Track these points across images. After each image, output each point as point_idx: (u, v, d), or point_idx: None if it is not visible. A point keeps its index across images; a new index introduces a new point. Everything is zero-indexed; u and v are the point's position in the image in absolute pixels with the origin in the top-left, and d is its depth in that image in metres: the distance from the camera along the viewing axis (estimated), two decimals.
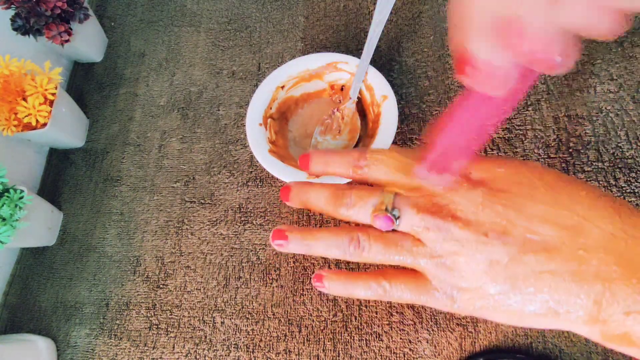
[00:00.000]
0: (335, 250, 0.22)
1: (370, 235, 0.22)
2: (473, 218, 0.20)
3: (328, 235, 0.23)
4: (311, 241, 0.23)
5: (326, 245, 0.22)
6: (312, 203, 0.24)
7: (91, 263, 0.52)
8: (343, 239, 0.22)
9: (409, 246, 0.21)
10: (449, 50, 0.51)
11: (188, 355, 0.44)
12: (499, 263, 0.19)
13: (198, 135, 0.55)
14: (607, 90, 0.44)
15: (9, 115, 0.50)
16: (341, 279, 0.23)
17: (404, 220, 0.21)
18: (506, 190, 0.20)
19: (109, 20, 0.67)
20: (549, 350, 0.37)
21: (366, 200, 0.22)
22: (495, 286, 0.19)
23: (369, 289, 0.22)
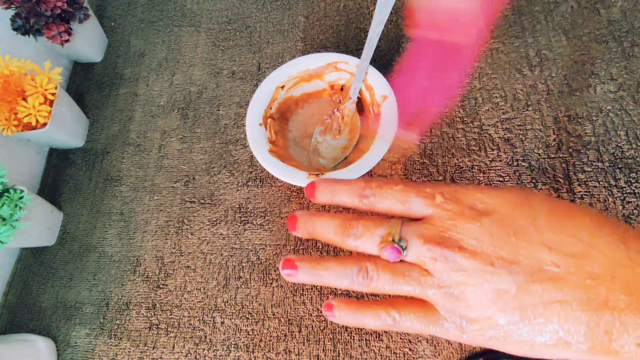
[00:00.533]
0: (344, 280, 0.22)
1: (379, 265, 0.22)
2: (479, 248, 0.20)
3: (337, 266, 0.23)
4: (320, 271, 0.23)
5: (335, 276, 0.23)
6: (319, 233, 0.24)
7: (91, 263, 0.52)
8: (352, 269, 0.22)
9: (416, 276, 0.21)
10: None
11: (188, 355, 0.44)
12: (507, 293, 0.19)
13: (198, 135, 0.55)
14: (607, 90, 0.44)
15: (9, 115, 0.50)
16: (351, 308, 0.23)
17: (410, 250, 0.21)
18: (511, 219, 0.20)
19: (109, 20, 0.67)
20: None
21: (373, 231, 0.22)
22: (504, 316, 0.19)
23: (379, 318, 0.22)
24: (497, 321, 0.19)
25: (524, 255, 0.19)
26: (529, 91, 0.47)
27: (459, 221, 0.21)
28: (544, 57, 0.48)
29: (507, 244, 0.20)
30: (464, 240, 0.20)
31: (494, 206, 0.21)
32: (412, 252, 0.21)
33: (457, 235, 0.20)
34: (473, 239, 0.20)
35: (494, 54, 0.49)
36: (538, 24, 0.49)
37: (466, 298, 0.20)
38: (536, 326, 0.18)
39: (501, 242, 0.20)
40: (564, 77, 0.46)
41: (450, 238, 0.20)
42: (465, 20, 0.21)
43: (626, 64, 0.45)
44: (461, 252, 0.20)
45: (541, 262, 0.19)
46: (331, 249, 0.46)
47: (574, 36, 0.48)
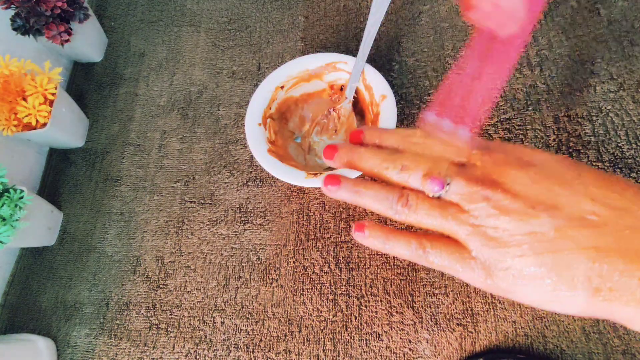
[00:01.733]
0: (383, 204, 0.23)
1: (419, 196, 0.22)
2: (522, 192, 0.20)
3: (379, 189, 0.23)
4: (362, 190, 0.23)
5: (375, 198, 0.23)
6: (362, 162, 0.24)
7: (91, 263, 0.52)
8: (393, 195, 0.23)
9: (455, 213, 0.21)
10: (449, 50, 0.51)
11: (188, 355, 0.44)
12: (545, 236, 0.19)
13: (198, 135, 0.55)
14: (607, 90, 0.44)
15: (9, 115, 0.50)
16: (383, 231, 0.23)
17: (453, 187, 0.21)
18: (557, 172, 0.21)
19: (109, 20, 0.67)
20: (550, 351, 0.37)
21: (420, 164, 0.22)
22: (537, 260, 0.19)
23: (409, 247, 0.22)
24: (527, 264, 0.19)
25: (566, 202, 0.19)
26: (529, 91, 0.47)
27: (505, 167, 0.21)
28: (544, 57, 0.48)
29: (551, 191, 0.20)
30: (507, 183, 0.20)
31: (540, 160, 0.21)
32: (454, 189, 0.21)
33: (501, 179, 0.21)
34: (517, 184, 0.20)
35: None
36: (538, 24, 0.49)
37: (501, 239, 0.20)
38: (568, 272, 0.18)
39: (544, 189, 0.20)
40: (564, 77, 0.46)
41: (494, 180, 0.21)
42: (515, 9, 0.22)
43: (626, 64, 0.45)
44: (504, 193, 0.20)
45: (583, 211, 0.19)
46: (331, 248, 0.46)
47: (574, 36, 0.48)
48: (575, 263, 0.18)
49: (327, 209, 0.47)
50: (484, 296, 0.40)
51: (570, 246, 0.19)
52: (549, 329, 0.38)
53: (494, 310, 0.40)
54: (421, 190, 0.22)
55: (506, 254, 0.20)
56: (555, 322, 0.38)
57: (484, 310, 0.40)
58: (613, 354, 0.36)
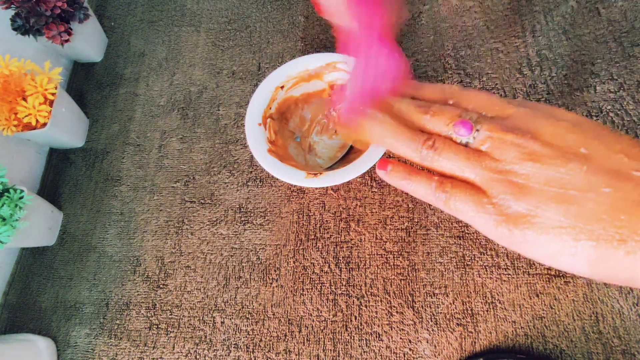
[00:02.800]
0: (410, 145, 0.22)
1: (446, 141, 0.22)
2: (553, 140, 0.20)
3: (406, 130, 0.23)
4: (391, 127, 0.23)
5: (402, 136, 0.23)
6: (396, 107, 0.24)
7: (91, 263, 0.52)
8: (420, 137, 0.22)
9: (480, 159, 0.21)
10: (449, 50, 0.51)
11: (188, 355, 0.44)
12: (574, 185, 0.19)
13: (198, 135, 0.55)
14: (607, 90, 0.44)
15: (9, 115, 0.50)
16: (406, 169, 0.23)
17: (482, 132, 0.21)
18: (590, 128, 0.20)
19: (109, 20, 0.67)
20: (550, 351, 0.37)
21: (450, 111, 0.22)
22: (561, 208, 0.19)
23: (430, 187, 0.22)
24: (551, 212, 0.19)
25: (601, 155, 0.19)
26: (529, 91, 0.47)
27: (538, 119, 0.21)
28: (544, 57, 0.48)
29: (584, 143, 0.19)
30: (539, 132, 0.20)
31: (574, 118, 0.21)
32: (483, 135, 0.21)
33: (534, 128, 0.20)
34: (548, 133, 0.20)
35: (494, 54, 0.49)
36: (538, 24, 0.49)
37: (527, 185, 0.19)
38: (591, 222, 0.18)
39: (577, 141, 0.19)
40: (564, 77, 0.46)
41: (526, 129, 0.20)
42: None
43: (626, 64, 0.45)
44: (533, 139, 0.20)
45: (616, 164, 0.19)
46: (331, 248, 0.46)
47: (574, 36, 0.48)
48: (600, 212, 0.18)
49: (327, 209, 0.47)
50: (484, 296, 0.40)
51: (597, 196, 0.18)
52: (549, 329, 0.38)
53: (494, 310, 0.40)
54: (449, 136, 0.22)
55: (529, 200, 0.19)
56: (555, 322, 0.38)
57: (484, 310, 0.40)
58: (613, 354, 0.36)
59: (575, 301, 0.38)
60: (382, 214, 0.45)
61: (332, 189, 0.48)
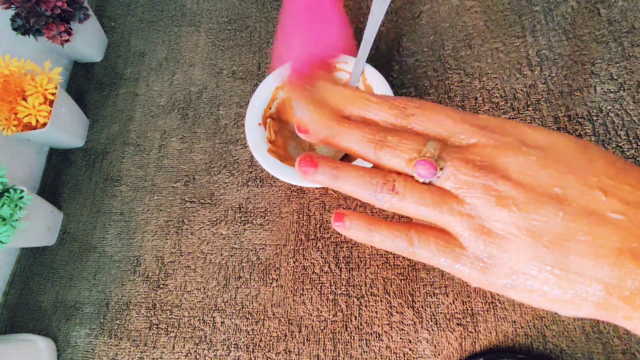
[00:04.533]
0: (366, 190, 0.20)
1: (408, 182, 0.19)
2: (526, 180, 0.18)
3: (361, 173, 0.20)
4: (342, 174, 0.20)
5: (357, 183, 0.20)
6: (343, 140, 0.21)
7: (91, 263, 0.52)
8: (377, 180, 0.20)
9: (447, 202, 0.19)
10: (449, 50, 0.51)
11: (188, 355, 0.44)
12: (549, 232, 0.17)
13: (198, 135, 0.55)
14: (607, 90, 0.44)
15: (9, 115, 0.50)
16: (364, 221, 0.21)
17: (447, 171, 0.19)
18: (565, 157, 0.18)
19: (109, 20, 0.67)
20: (550, 351, 0.37)
21: (409, 143, 0.19)
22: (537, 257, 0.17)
23: (395, 238, 0.20)
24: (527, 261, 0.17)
25: (576, 194, 0.17)
26: (529, 91, 0.47)
27: (507, 151, 0.18)
28: (544, 57, 0.48)
29: (558, 181, 0.18)
30: (508, 170, 0.18)
31: (546, 143, 0.19)
32: (448, 173, 0.19)
33: (502, 164, 0.18)
34: (519, 170, 0.18)
35: (494, 54, 0.49)
36: (538, 24, 0.49)
37: (499, 232, 0.18)
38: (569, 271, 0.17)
39: (551, 178, 0.18)
40: (564, 77, 0.46)
41: (495, 165, 0.18)
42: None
43: (626, 64, 0.45)
44: (504, 180, 0.18)
45: (593, 204, 0.17)
46: (331, 248, 0.46)
47: (574, 36, 0.48)
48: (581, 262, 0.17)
49: (327, 209, 0.47)
50: (484, 296, 0.40)
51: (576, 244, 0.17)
52: (549, 328, 0.38)
53: (494, 310, 0.40)
54: (410, 175, 0.19)
55: (503, 249, 0.18)
56: (555, 322, 0.38)
57: (484, 310, 0.40)
58: (613, 354, 0.36)
59: None
60: (383, 214, 0.45)
61: (332, 189, 0.48)
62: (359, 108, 0.21)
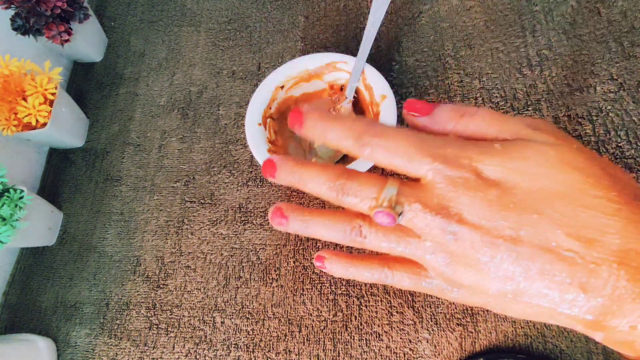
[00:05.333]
0: (337, 233, 0.22)
1: (373, 225, 0.21)
2: (482, 223, 0.19)
3: (330, 218, 0.22)
4: (311, 221, 0.22)
5: (326, 228, 0.22)
6: (306, 185, 0.21)
7: (91, 263, 0.52)
8: (344, 225, 0.21)
9: (411, 240, 0.21)
10: (449, 50, 0.51)
11: (188, 355, 0.44)
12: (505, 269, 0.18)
13: (198, 135, 0.55)
14: (607, 90, 0.44)
15: (9, 115, 0.50)
16: (342, 261, 0.24)
17: (406, 216, 0.20)
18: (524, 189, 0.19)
19: (109, 20, 0.67)
20: (549, 351, 0.37)
21: (367, 190, 0.20)
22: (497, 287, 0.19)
23: (372, 275, 0.23)
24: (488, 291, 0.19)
25: (531, 234, 0.18)
26: (529, 91, 0.47)
27: (461, 191, 0.19)
28: (544, 57, 0.48)
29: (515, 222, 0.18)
30: (465, 211, 0.19)
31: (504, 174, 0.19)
32: (408, 217, 0.20)
33: (458, 206, 0.19)
34: (476, 212, 0.19)
35: (494, 54, 0.49)
36: (538, 24, 0.49)
37: (460, 268, 0.20)
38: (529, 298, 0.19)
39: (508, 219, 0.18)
40: (564, 77, 0.46)
41: (450, 208, 0.19)
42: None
43: (626, 64, 0.45)
44: (460, 223, 0.19)
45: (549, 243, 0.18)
46: (331, 248, 0.46)
47: (574, 36, 0.48)
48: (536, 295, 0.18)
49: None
50: None
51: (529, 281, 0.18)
52: (548, 328, 0.38)
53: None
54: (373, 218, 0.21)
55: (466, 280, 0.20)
56: None
57: (484, 310, 0.40)
58: (613, 354, 0.36)
59: None
60: None
61: None
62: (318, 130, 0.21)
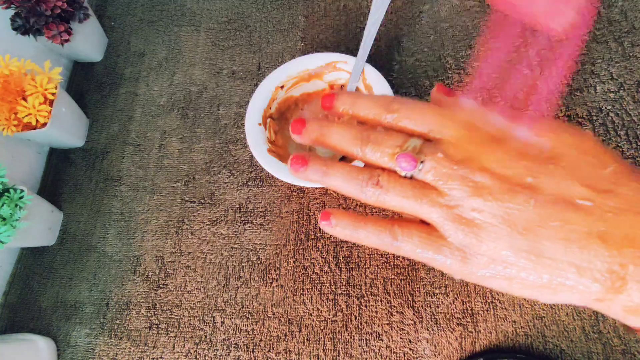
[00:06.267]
0: (353, 185, 0.21)
1: (392, 177, 0.21)
2: (502, 172, 0.19)
3: (348, 170, 0.22)
4: (330, 170, 0.22)
5: (344, 179, 0.21)
6: (332, 140, 0.22)
7: (91, 263, 0.52)
8: (363, 175, 0.21)
9: (428, 194, 0.20)
10: (449, 50, 0.51)
11: (188, 354, 0.44)
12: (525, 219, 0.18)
13: (198, 135, 0.55)
14: (607, 90, 0.44)
15: (9, 115, 0.50)
16: (350, 218, 0.22)
17: (427, 164, 0.20)
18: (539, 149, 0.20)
19: (109, 20, 0.67)
20: (550, 350, 0.37)
21: (392, 140, 0.21)
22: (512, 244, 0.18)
23: (379, 233, 0.21)
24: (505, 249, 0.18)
25: (548, 184, 0.18)
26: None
27: (484, 146, 0.20)
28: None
29: (531, 171, 0.19)
30: (485, 162, 0.19)
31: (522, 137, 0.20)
32: (428, 167, 0.20)
33: (479, 157, 0.19)
34: (497, 164, 0.19)
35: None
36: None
37: (476, 221, 0.19)
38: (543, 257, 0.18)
39: (525, 169, 0.19)
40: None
41: (472, 158, 0.19)
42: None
43: (626, 64, 0.45)
44: (482, 171, 0.19)
45: (564, 192, 0.18)
46: (331, 248, 0.46)
47: None
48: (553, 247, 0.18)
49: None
50: (484, 296, 0.40)
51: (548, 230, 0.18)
52: (548, 328, 0.38)
53: (494, 310, 0.40)
54: (394, 170, 0.21)
55: (481, 237, 0.19)
56: (555, 321, 0.38)
57: (484, 310, 0.40)
58: (612, 354, 0.36)
59: None
60: (383, 213, 0.45)
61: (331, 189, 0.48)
62: (347, 104, 0.23)
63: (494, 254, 0.19)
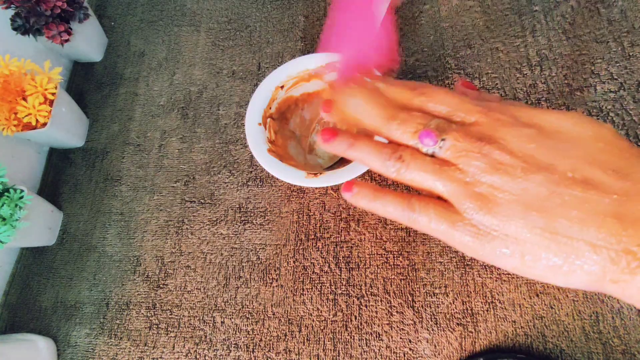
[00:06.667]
0: (377, 158, 0.22)
1: (414, 153, 0.22)
2: (519, 149, 0.20)
3: (375, 144, 0.23)
4: (358, 143, 0.23)
5: (370, 152, 0.23)
6: (360, 113, 0.24)
7: (91, 263, 0.52)
8: (387, 150, 0.22)
9: (447, 170, 0.21)
10: (449, 50, 0.51)
11: (188, 354, 0.44)
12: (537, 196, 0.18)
13: (198, 135, 0.55)
14: (607, 90, 0.44)
15: (9, 115, 0.50)
16: (371, 189, 0.23)
17: (448, 142, 0.21)
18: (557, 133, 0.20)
19: (109, 20, 0.67)
20: (550, 350, 0.37)
21: (416, 119, 0.22)
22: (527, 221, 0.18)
23: (397, 205, 0.22)
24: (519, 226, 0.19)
25: (565, 164, 0.19)
26: (529, 91, 0.47)
27: (503, 126, 0.20)
28: (544, 57, 0.48)
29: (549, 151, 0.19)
30: (504, 140, 0.20)
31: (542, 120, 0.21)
32: (448, 144, 0.21)
33: (499, 136, 0.20)
34: (514, 141, 0.20)
35: (494, 54, 0.49)
36: (538, 24, 0.49)
37: (492, 197, 0.19)
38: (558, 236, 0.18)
39: (543, 149, 0.19)
40: (564, 77, 0.46)
41: (492, 137, 0.20)
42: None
43: (626, 64, 0.45)
44: (499, 149, 0.20)
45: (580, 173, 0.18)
46: (331, 248, 0.46)
47: (574, 36, 0.48)
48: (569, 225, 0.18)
49: (327, 209, 0.47)
50: (484, 296, 0.40)
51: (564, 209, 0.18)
52: (548, 328, 0.38)
53: (494, 310, 0.40)
54: (416, 148, 0.22)
55: (496, 213, 0.19)
56: (555, 321, 0.38)
57: (484, 310, 0.40)
58: (613, 354, 0.36)
59: (575, 301, 0.38)
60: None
61: (332, 189, 0.48)
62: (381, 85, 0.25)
63: (508, 231, 0.19)
